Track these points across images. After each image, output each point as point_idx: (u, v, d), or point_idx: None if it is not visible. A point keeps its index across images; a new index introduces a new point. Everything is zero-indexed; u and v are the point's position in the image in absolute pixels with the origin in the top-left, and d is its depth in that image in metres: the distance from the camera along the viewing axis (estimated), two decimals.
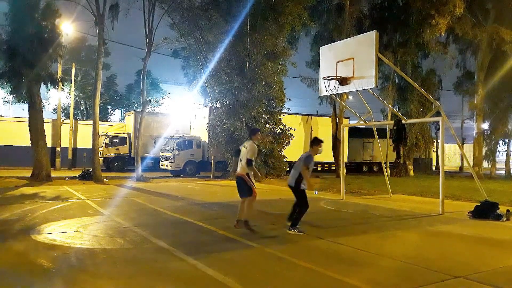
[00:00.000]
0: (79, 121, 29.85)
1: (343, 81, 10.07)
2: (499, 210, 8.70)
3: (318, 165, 25.82)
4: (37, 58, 15.48)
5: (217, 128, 19.81)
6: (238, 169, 7.18)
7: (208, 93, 21.13)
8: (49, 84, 17.18)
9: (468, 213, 8.98)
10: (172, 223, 7.71)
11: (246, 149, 7.09)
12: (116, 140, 24.87)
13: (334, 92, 10.73)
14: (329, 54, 11.02)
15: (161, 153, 22.78)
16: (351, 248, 5.82)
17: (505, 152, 29.04)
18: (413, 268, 4.88)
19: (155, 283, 4.24)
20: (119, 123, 31.55)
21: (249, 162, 6.97)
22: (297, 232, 6.76)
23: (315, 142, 7.17)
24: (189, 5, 19.39)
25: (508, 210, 8.72)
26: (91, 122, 19.69)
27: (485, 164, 26.95)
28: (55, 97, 33.53)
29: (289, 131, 20.79)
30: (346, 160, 25.17)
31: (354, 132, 27.46)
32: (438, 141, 18.60)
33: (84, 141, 26.14)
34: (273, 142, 19.83)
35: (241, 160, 7.14)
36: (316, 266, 4.80)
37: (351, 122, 25.69)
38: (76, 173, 18.99)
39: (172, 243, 5.81)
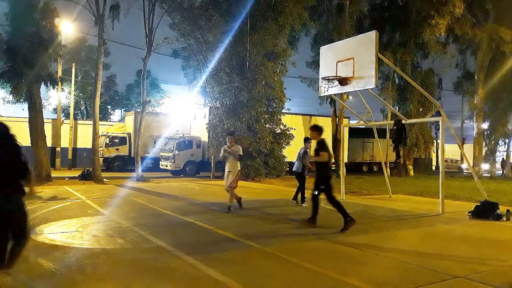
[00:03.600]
0: (79, 121, 29.82)
1: (343, 81, 10.06)
2: (499, 210, 8.70)
3: None
4: (37, 58, 15.47)
5: (217, 128, 19.81)
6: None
7: (208, 93, 21.12)
8: (49, 84, 17.17)
9: (468, 213, 8.98)
10: (172, 223, 7.71)
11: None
12: (116, 140, 24.86)
13: (333, 93, 10.73)
14: (329, 54, 11.01)
15: (161, 153, 22.77)
16: (351, 248, 5.82)
17: (505, 152, 29.06)
18: (413, 268, 4.88)
19: (155, 283, 4.24)
20: (119, 123, 31.53)
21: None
22: (306, 204, 9.68)
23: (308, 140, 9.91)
24: (189, 5, 19.40)
25: (508, 210, 8.72)
26: (91, 122, 19.68)
27: (485, 166, 26.93)
28: (55, 97, 33.53)
29: (289, 131, 20.79)
30: (346, 160, 25.17)
31: (354, 132, 27.44)
32: (438, 141, 18.59)
33: (84, 141, 26.12)
34: (273, 142, 19.83)
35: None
36: (316, 266, 4.80)
37: (351, 122, 25.69)
38: (76, 173, 18.99)
39: (172, 243, 5.80)
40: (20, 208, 3.75)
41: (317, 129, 7.66)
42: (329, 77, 10.36)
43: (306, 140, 10.10)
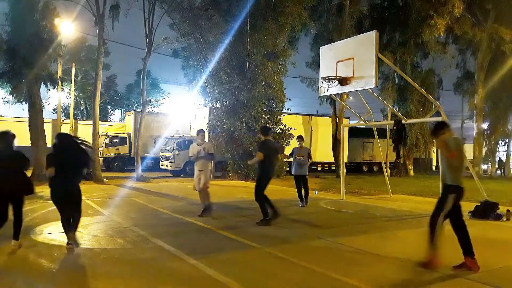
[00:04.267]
0: (79, 121, 29.83)
1: (343, 81, 10.06)
2: (499, 210, 8.70)
3: (318, 165, 25.80)
4: (37, 58, 15.47)
5: (217, 128, 19.81)
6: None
7: (208, 93, 21.11)
8: (49, 84, 17.18)
9: (468, 213, 8.96)
10: (172, 223, 7.71)
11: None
12: (116, 140, 24.85)
13: (333, 93, 10.71)
14: (329, 54, 11.00)
15: (161, 153, 22.77)
16: (351, 248, 5.82)
17: (505, 152, 29.06)
18: (413, 268, 4.88)
19: (155, 283, 4.24)
20: (119, 123, 31.53)
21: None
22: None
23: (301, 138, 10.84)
24: (189, 5, 19.37)
25: (508, 210, 8.72)
26: (91, 122, 19.68)
27: (484, 166, 26.93)
28: (55, 97, 33.55)
29: (289, 131, 20.76)
30: (346, 160, 25.17)
31: (354, 132, 27.41)
32: None
33: None
34: None
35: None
36: (316, 266, 4.80)
37: (351, 122, 25.65)
38: None
39: (172, 243, 5.80)
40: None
41: (261, 130, 8.03)
42: (329, 77, 10.35)
43: (298, 138, 10.79)
